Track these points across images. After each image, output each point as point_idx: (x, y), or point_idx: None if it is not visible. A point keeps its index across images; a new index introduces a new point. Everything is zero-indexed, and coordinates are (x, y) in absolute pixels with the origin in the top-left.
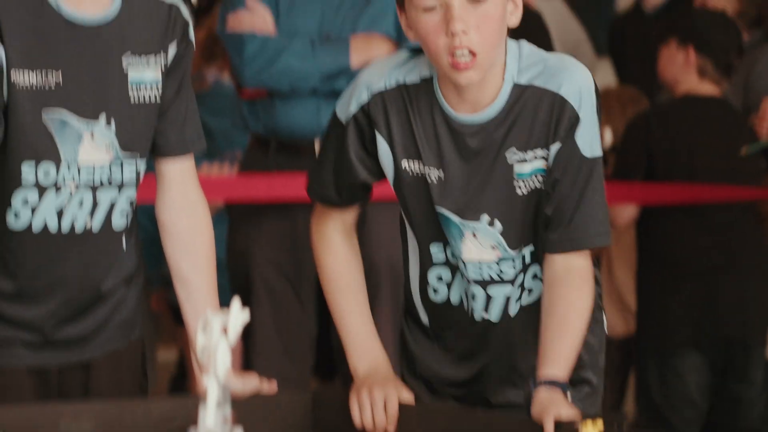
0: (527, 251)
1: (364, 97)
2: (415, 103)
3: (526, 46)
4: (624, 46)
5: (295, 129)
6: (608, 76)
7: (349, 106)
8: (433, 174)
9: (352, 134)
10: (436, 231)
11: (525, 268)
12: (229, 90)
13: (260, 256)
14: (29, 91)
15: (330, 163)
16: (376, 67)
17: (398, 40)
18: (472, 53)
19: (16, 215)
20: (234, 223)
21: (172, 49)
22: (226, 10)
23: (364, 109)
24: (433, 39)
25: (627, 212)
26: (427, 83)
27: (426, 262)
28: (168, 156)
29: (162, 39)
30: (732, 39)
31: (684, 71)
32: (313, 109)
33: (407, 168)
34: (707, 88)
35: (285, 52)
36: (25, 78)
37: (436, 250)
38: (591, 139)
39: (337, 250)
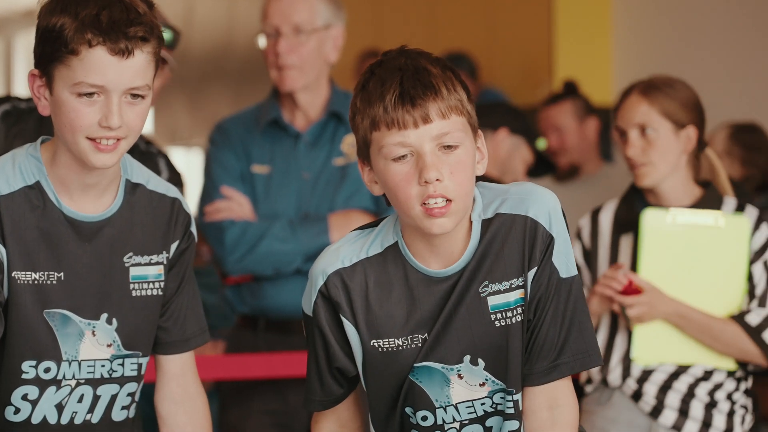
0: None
1: (319, 281)
2: (382, 272)
3: (485, 184)
4: None
5: (283, 308)
6: None
7: (310, 297)
8: (419, 338)
9: (321, 321)
10: (405, 398)
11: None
12: None
13: None
14: (30, 286)
15: (313, 360)
16: (325, 253)
17: (376, 212)
18: (447, 200)
19: (15, 411)
20: (225, 401)
21: (175, 246)
22: (203, 203)
23: (323, 293)
24: (404, 188)
25: None
26: (393, 249)
27: None
28: (169, 353)
29: (165, 237)
30: None
31: None
32: (299, 288)
33: (377, 345)
34: None
35: (265, 236)
36: (27, 275)
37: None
38: (566, 258)
39: None
